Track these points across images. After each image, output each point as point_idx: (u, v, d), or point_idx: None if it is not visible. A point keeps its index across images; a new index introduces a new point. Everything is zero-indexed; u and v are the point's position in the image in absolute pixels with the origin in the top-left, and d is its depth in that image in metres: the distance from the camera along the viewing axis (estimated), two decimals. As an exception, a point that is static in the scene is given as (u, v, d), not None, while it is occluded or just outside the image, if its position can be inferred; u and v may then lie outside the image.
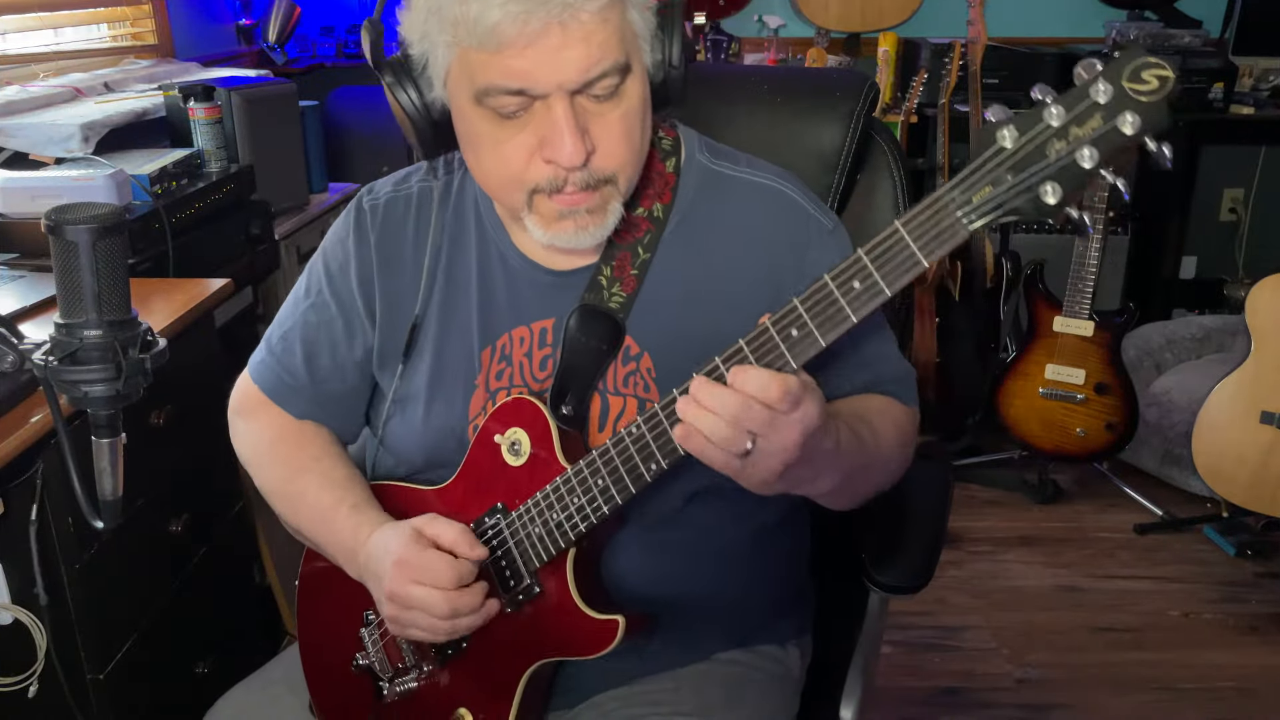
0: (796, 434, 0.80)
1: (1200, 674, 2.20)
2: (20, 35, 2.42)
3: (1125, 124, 0.68)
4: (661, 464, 0.89)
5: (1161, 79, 0.67)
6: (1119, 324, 2.64)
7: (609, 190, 0.96)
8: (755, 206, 1.06)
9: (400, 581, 0.98)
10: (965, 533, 2.71)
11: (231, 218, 2.13)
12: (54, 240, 0.80)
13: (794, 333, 0.80)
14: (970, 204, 0.73)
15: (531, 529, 0.99)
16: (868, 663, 1.22)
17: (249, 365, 1.19)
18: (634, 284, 1.03)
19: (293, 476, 1.13)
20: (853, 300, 0.78)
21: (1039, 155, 0.71)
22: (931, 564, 1.14)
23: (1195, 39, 3.31)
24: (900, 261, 0.76)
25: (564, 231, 0.96)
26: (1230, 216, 3.78)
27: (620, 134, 0.93)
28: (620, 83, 0.91)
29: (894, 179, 1.35)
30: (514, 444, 1.01)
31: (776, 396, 0.78)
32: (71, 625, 1.35)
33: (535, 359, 1.06)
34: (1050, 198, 0.70)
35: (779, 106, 1.38)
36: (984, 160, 0.73)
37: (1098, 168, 0.69)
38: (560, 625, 1.00)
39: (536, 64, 0.87)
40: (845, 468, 0.90)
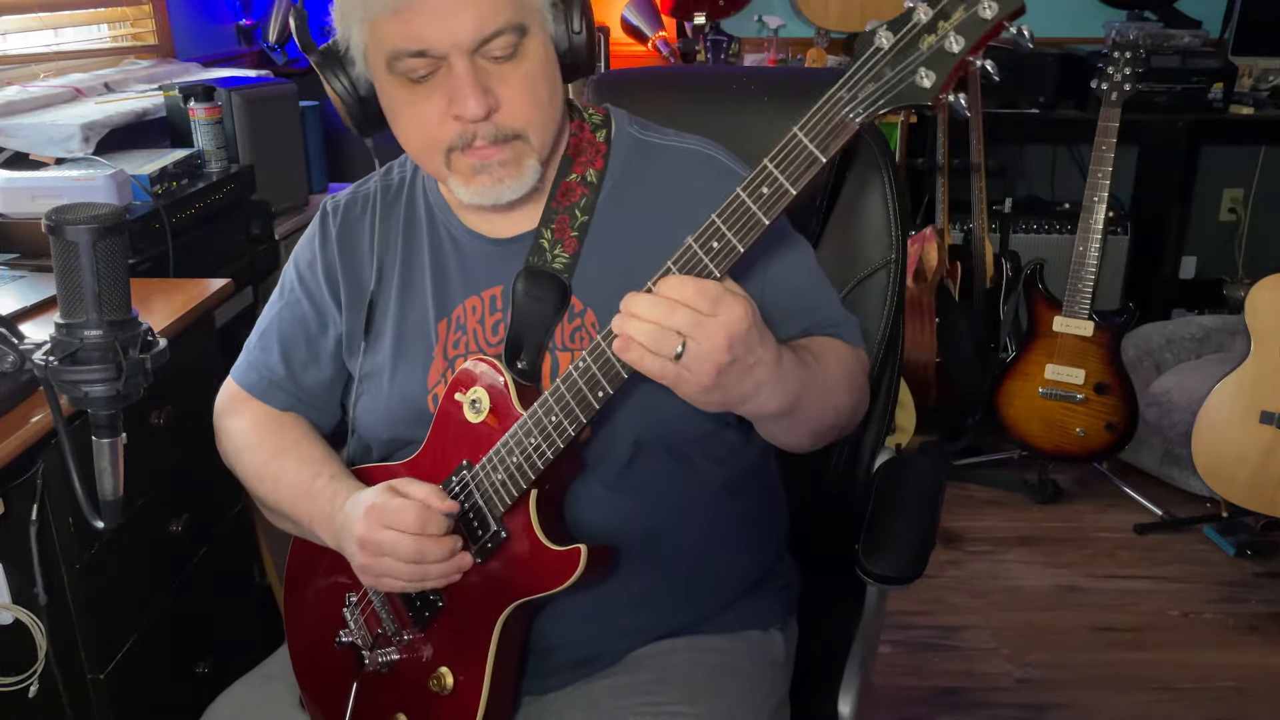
0: (723, 335, 0.86)
1: (1200, 674, 2.21)
2: (20, 35, 2.42)
3: (985, 10, 0.77)
4: (608, 389, 0.95)
5: None
6: (1119, 324, 2.64)
7: (520, 146, 1.03)
8: (684, 168, 1.14)
9: (370, 526, 1.02)
10: (965, 533, 2.71)
11: (231, 218, 2.13)
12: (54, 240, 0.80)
13: (714, 245, 0.88)
14: (857, 99, 0.82)
15: (495, 476, 1.03)
16: (865, 656, 1.23)
17: (233, 371, 1.26)
18: (575, 245, 1.10)
19: (272, 458, 1.18)
20: (762, 204, 0.86)
21: (912, 48, 0.79)
22: (924, 555, 1.15)
23: (1195, 39, 3.31)
24: (800, 161, 0.84)
25: (482, 185, 1.04)
26: (1230, 216, 3.78)
27: (522, 91, 1.01)
28: (518, 43, 0.99)
29: (883, 176, 1.35)
30: (474, 402, 1.07)
31: (692, 294, 0.86)
32: (71, 625, 1.35)
33: (488, 324, 1.13)
34: (926, 82, 0.79)
35: (767, 105, 1.39)
36: (864, 60, 0.81)
37: (964, 51, 0.78)
38: (527, 565, 1.04)
39: (430, 25, 0.96)
40: (790, 386, 0.95)
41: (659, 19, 3.41)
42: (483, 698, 1.06)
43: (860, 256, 1.35)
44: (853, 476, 1.38)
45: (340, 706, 1.15)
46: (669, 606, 1.15)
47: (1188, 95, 3.22)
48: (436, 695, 1.09)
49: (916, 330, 2.86)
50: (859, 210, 1.36)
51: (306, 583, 1.22)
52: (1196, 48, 3.27)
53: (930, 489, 1.26)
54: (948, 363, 2.92)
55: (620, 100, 1.26)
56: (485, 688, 1.06)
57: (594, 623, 1.10)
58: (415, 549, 1.01)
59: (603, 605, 1.10)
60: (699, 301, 0.86)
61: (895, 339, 1.36)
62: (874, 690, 1.25)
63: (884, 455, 1.38)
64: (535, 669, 1.13)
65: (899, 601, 2.32)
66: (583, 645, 1.12)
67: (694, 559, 1.15)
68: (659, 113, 1.22)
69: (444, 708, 1.09)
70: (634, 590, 1.11)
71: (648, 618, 1.14)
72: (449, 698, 1.09)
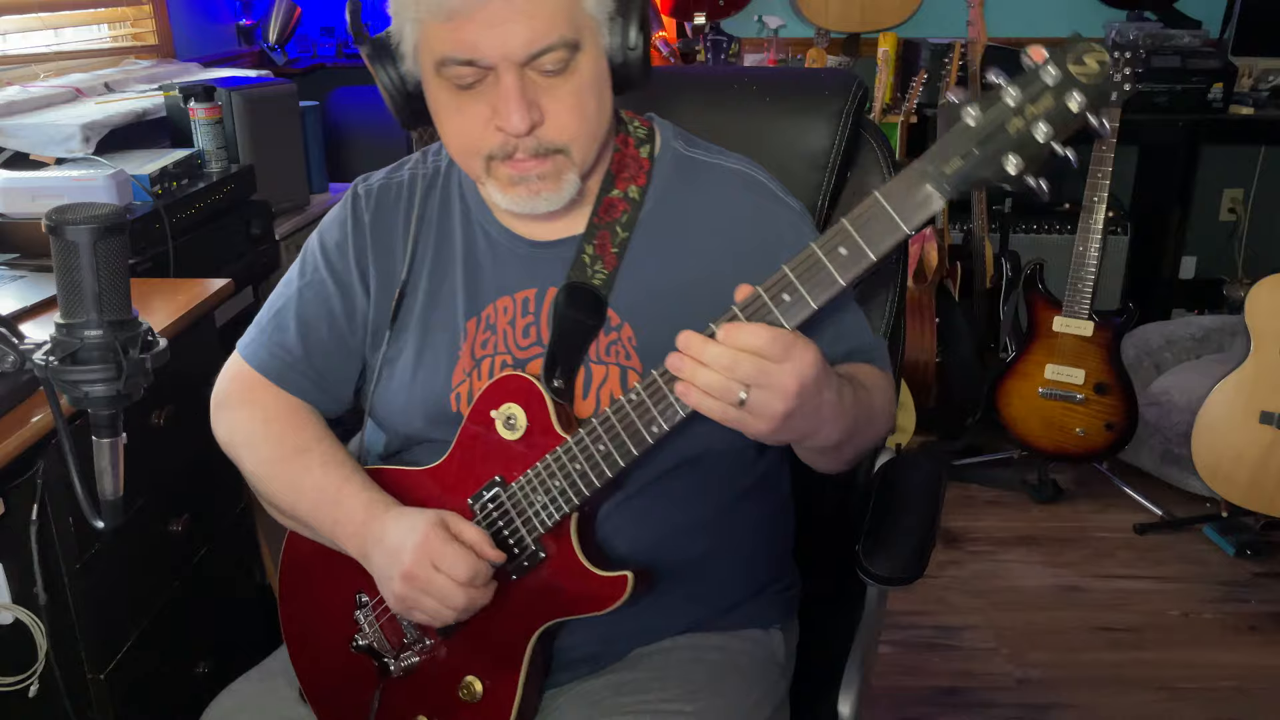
0: (792, 382, 0.86)
1: (1200, 674, 2.21)
2: (20, 35, 2.42)
3: (1072, 102, 0.78)
4: (663, 426, 0.94)
5: (1100, 62, 0.77)
6: (1118, 324, 2.64)
7: (561, 160, 1.01)
8: (727, 188, 1.13)
9: (422, 564, 1.01)
10: (965, 533, 2.71)
11: (232, 218, 2.13)
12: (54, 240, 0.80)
13: (785, 297, 0.87)
14: (943, 175, 0.81)
15: (534, 497, 1.02)
16: (865, 656, 1.23)
17: (239, 347, 1.21)
18: (614, 261, 1.09)
19: (290, 455, 1.14)
20: (839, 265, 0.85)
21: (1000, 131, 0.80)
22: (924, 555, 1.15)
23: (1195, 39, 3.30)
24: (881, 228, 0.84)
25: (519, 196, 1.02)
26: (1230, 216, 3.78)
27: (570, 107, 0.99)
28: (570, 58, 0.97)
29: (884, 177, 1.35)
30: (509, 419, 1.05)
31: (763, 344, 0.85)
32: (71, 625, 1.35)
33: (519, 327, 1.11)
34: (1012, 168, 0.79)
35: (768, 106, 1.40)
36: (952, 136, 0.81)
37: (1050, 140, 0.79)
38: (568, 586, 1.04)
39: (482, 36, 0.94)
40: (848, 421, 0.97)
41: (659, 19, 3.41)
42: (514, 708, 1.07)
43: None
44: (853, 477, 1.38)
45: (353, 706, 1.14)
46: (675, 609, 1.15)
47: (1188, 95, 3.22)
48: (465, 703, 1.09)
49: (916, 330, 2.86)
50: (861, 209, 1.36)
51: (308, 583, 1.20)
52: (1196, 48, 3.27)
53: (930, 489, 1.26)
54: (948, 363, 2.92)
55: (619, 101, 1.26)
56: (517, 699, 1.07)
57: (600, 624, 1.09)
58: (465, 601, 1.01)
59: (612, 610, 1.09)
60: (771, 350, 0.85)
61: (896, 340, 1.36)
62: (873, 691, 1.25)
63: (884, 456, 1.38)
64: None
65: (899, 601, 2.32)
66: (587, 645, 1.13)
67: (703, 564, 1.15)
68: (660, 113, 1.22)
69: (473, 715, 1.09)
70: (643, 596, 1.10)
71: (653, 619, 1.14)
72: (478, 705, 1.09)
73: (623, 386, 1.07)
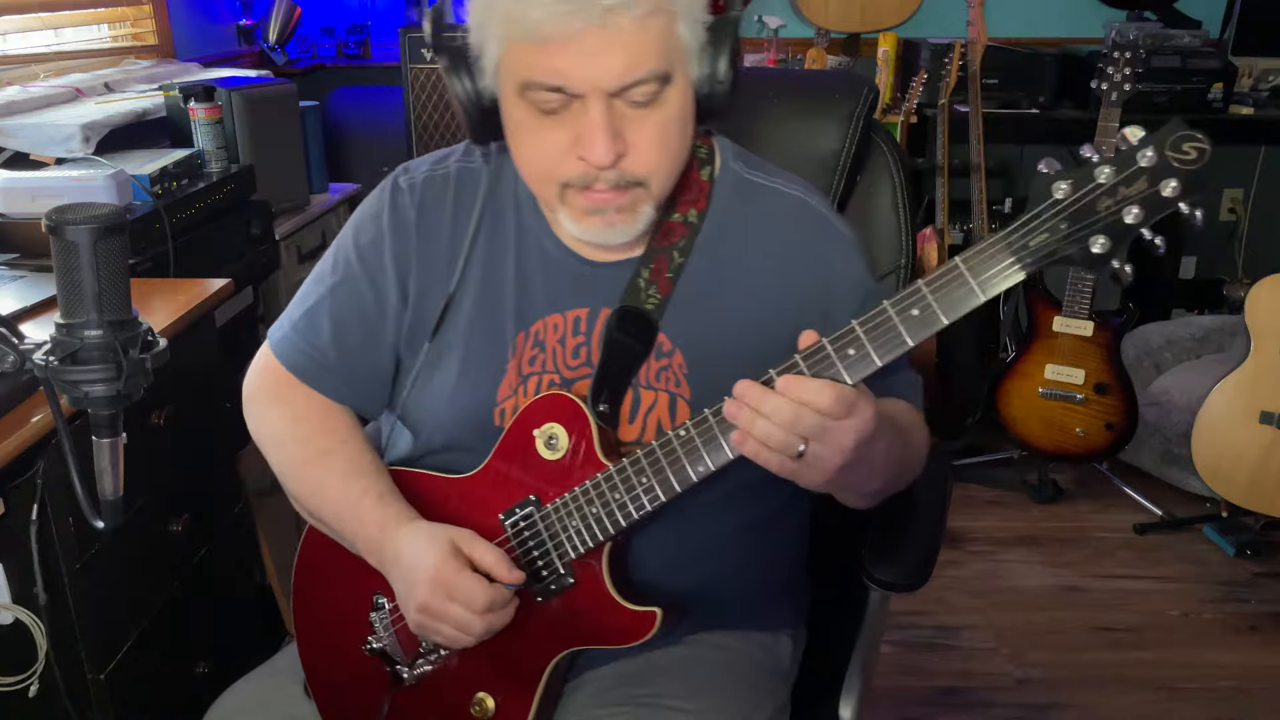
0: (851, 439, 0.86)
1: (1200, 674, 2.21)
2: (20, 35, 2.42)
3: (1167, 188, 0.76)
4: (709, 466, 0.93)
5: (1200, 150, 0.75)
6: (1118, 324, 2.64)
7: (640, 193, 0.99)
8: (784, 216, 1.11)
9: (437, 598, 0.99)
10: (965, 533, 2.71)
11: (232, 218, 2.13)
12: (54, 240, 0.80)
13: (851, 352, 0.86)
14: (1027, 249, 0.80)
15: (569, 522, 1.01)
16: (867, 661, 1.23)
17: (271, 343, 1.17)
18: (669, 286, 1.07)
19: (316, 458, 1.12)
20: (910, 326, 0.84)
21: (1090, 210, 0.78)
22: (930, 562, 1.14)
23: (1195, 39, 3.30)
24: (958, 295, 0.83)
25: (593, 227, 1.00)
26: (1230, 216, 3.78)
27: (655, 140, 0.96)
28: (660, 91, 0.94)
29: (894, 181, 1.35)
30: (550, 438, 1.03)
31: (828, 403, 0.84)
32: (71, 625, 1.35)
33: (569, 346, 1.09)
34: (1098, 249, 0.78)
35: (779, 108, 1.39)
36: (1041, 210, 0.80)
37: (1139, 225, 0.77)
38: (594, 616, 1.03)
39: (575, 64, 0.91)
40: (893, 470, 0.97)
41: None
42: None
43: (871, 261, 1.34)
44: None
45: (359, 708, 1.13)
46: (690, 617, 1.14)
47: (1188, 95, 3.22)
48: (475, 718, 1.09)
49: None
50: (870, 215, 1.35)
51: (324, 580, 1.18)
52: (1196, 48, 3.27)
53: (936, 494, 1.25)
54: (948, 363, 2.92)
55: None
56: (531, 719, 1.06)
57: None
58: (483, 628, 1.00)
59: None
60: (835, 409, 0.84)
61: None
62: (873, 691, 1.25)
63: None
64: None
65: (899, 602, 2.30)
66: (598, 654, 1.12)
67: (723, 580, 1.15)
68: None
69: None
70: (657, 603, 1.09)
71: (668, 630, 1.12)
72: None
73: (671, 413, 1.06)
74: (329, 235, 2.70)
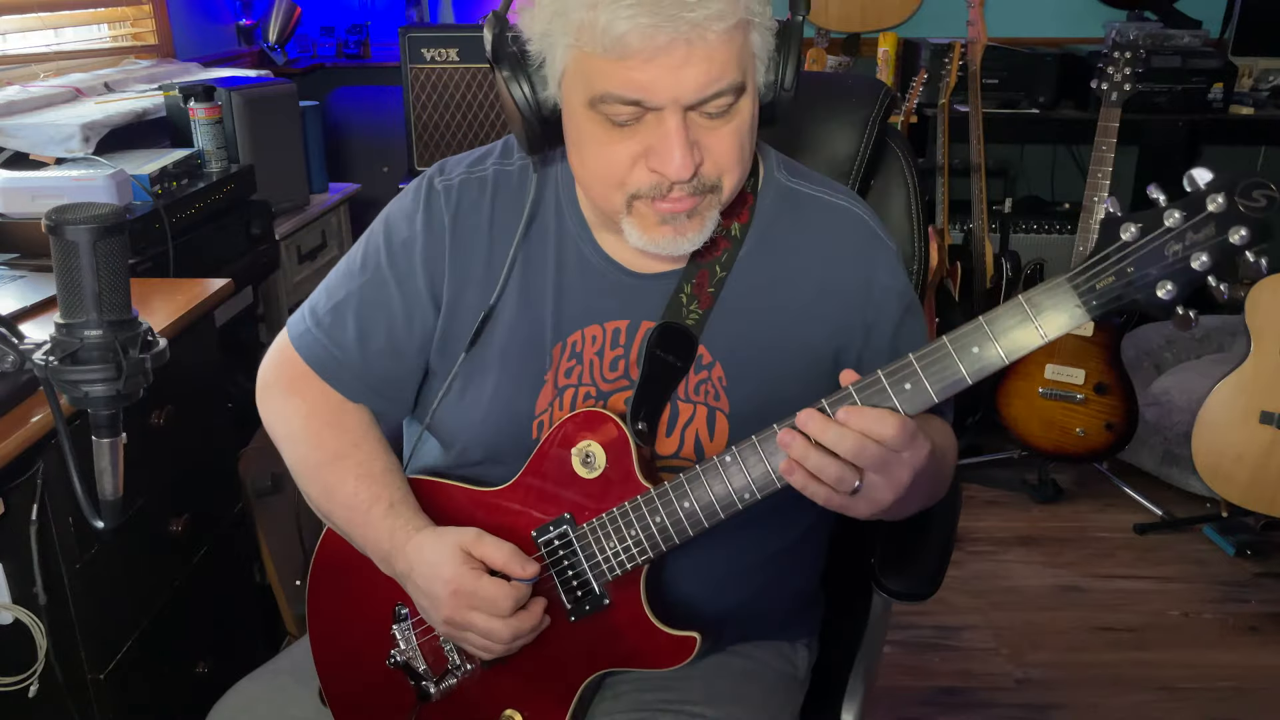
0: (908, 474, 0.85)
1: (1200, 674, 2.20)
2: (20, 35, 2.42)
3: (1236, 236, 0.75)
4: (756, 494, 0.92)
5: (1270, 199, 0.75)
6: (1119, 324, 2.64)
7: (711, 199, 0.97)
8: (828, 226, 1.09)
9: (459, 610, 0.98)
10: (965, 533, 2.71)
11: (232, 218, 2.13)
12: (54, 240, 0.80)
13: (907, 386, 0.85)
14: (1094, 290, 0.79)
15: (606, 543, 0.99)
16: (870, 665, 1.23)
17: (291, 334, 1.15)
18: (710, 300, 1.05)
19: (328, 461, 1.09)
20: (969, 362, 0.83)
21: (1158, 255, 0.77)
22: (941, 571, 1.15)
23: (1195, 39, 3.30)
24: (1019, 334, 0.82)
25: (663, 237, 0.97)
26: (1230, 216, 3.78)
27: (730, 149, 0.95)
28: (735, 101, 0.93)
29: (907, 184, 1.34)
30: (587, 456, 1.01)
31: (893, 435, 0.83)
32: (71, 625, 1.35)
33: (606, 359, 1.07)
34: (1164, 294, 0.77)
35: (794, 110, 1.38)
36: (1109, 252, 0.78)
37: (1206, 272, 0.76)
38: (630, 638, 1.01)
39: (657, 78, 0.88)
40: (931, 493, 0.98)
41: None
42: None
43: None
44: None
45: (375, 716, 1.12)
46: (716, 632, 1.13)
47: (1188, 95, 3.22)
48: None
49: (916, 330, 2.85)
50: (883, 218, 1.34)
51: (343, 587, 1.15)
52: (1196, 48, 3.27)
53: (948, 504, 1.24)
54: (948, 363, 2.91)
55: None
56: None
57: None
58: (511, 633, 0.98)
59: None
60: (898, 441, 0.83)
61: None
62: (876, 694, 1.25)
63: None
64: None
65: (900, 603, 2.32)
66: None
67: (754, 600, 1.14)
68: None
69: None
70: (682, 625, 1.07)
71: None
72: None
73: (709, 426, 1.05)
74: (329, 235, 2.70)
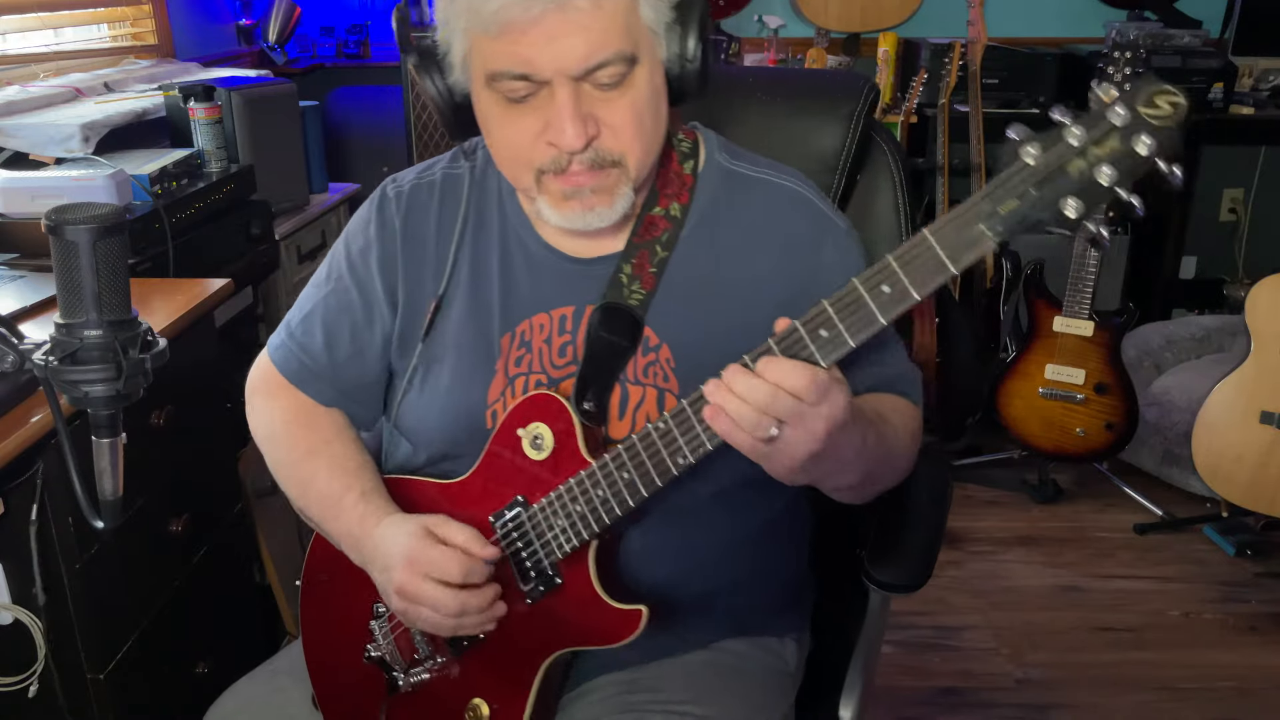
0: (822, 426, 0.84)
1: (1200, 674, 2.20)
2: (20, 35, 2.42)
3: (1140, 145, 0.73)
4: (689, 458, 0.91)
5: (1174, 104, 0.73)
6: (1119, 324, 2.64)
7: (616, 173, 0.99)
8: (773, 206, 1.10)
9: (410, 577, 1.00)
10: (965, 533, 2.71)
11: (231, 218, 2.13)
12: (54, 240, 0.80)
13: (823, 333, 0.84)
14: (996, 215, 0.77)
15: (554, 521, 1.00)
16: (868, 662, 1.23)
17: (268, 347, 1.20)
18: (653, 281, 1.06)
19: (303, 459, 1.14)
20: (882, 303, 0.82)
21: (1061, 173, 0.75)
22: (930, 563, 1.14)
23: (1195, 39, 3.30)
24: (928, 268, 0.80)
25: (572, 212, 0.99)
26: (1230, 216, 3.78)
27: (627, 120, 0.96)
28: (627, 72, 0.94)
29: (894, 179, 1.35)
30: (536, 438, 1.02)
31: (803, 386, 0.82)
32: (71, 625, 1.35)
33: (554, 345, 1.08)
34: (1071, 211, 0.75)
35: (779, 107, 1.39)
36: (1010, 175, 0.77)
37: (1115, 185, 0.74)
38: (581, 616, 1.02)
39: (537, 50, 0.92)
40: (869, 464, 0.95)
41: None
42: None
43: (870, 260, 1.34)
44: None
45: (360, 715, 1.13)
46: (695, 626, 1.14)
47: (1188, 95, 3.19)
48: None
49: (916, 330, 2.85)
50: (870, 214, 1.35)
51: (329, 586, 1.18)
52: (1196, 48, 3.27)
53: (937, 495, 1.25)
54: (948, 363, 2.91)
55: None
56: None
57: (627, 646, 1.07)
58: (458, 604, 0.99)
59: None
60: (809, 393, 0.82)
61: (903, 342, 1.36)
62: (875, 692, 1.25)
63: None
64: None
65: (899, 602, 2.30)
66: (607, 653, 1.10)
67: (733, 589, 1.14)
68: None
69: None
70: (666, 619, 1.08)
71: (673, 641, 1.13)
72: None
73: (660, 408, 1.06)
74: (329, 235, 2.70)
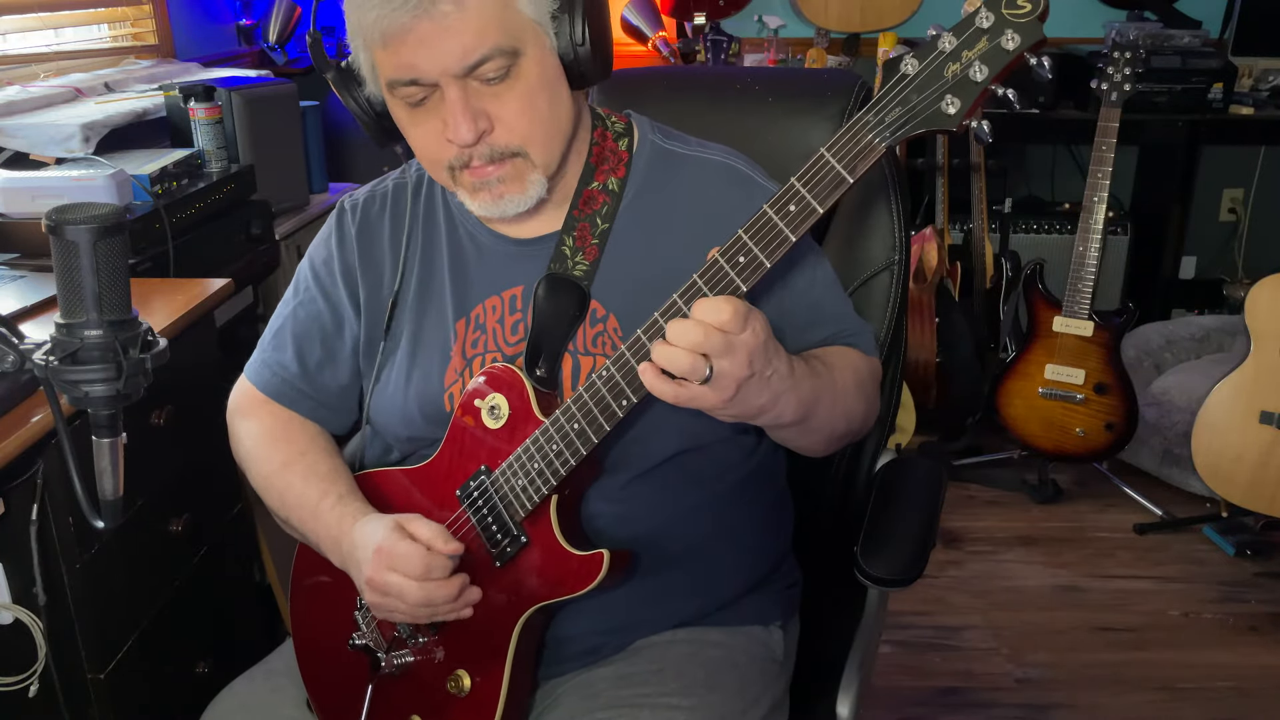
0: (744, 352, 0.88)
1: (1200, 674, 2.21)
2: (20, 35, 2.42)
3: (1007, 41, 0.81)
4: (631, 398, 0.96)
5: (1034, 1, 0.80)
6: (1118, 324, 2.64)
7: (521, 163, 1.04)
8: (706, 178, 1.14)
9: (377, 568, 1.04)
10: (965, 533, 2.71)
11: (232, 218, 2.13)
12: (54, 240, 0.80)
13: (741, 259, 0.90)
14: (883, 124, 0.85)
15: (515, 482, 1.04)
16: (865, 658, 1.23)
17: (245, 368, 1.26)
18: (595, 252, 1.11)
19: (278, 470, 1.18)
20: (790, 221, 0.88)
21: (937, 76, 0.83)
22: (922, 557, 1.14)
23: (1195, 39, 3.30)
24: (828, 182, 0.87)
25: (485, 201, 1.06)
26: (1230, 216, 3.78)
27: (518, 111, 1.01)
28: (512, 65, 0.99)
29: (888, 177, 1.35)
30: (493, 408, 1.07)
31: (729, 318, 0.87)
32: (71, 625, 1.35)
33: (507, 324, 1.13)
34: (950, 109, 0.83)
35: (770, 106, 1.39)
36: (891, 86, 0.85)
37: (988, 80, 0.82)
38: (547, 569, 1.05)
39: (417, 54, 0.97)
40: (803, 396, 0.97)
41: (659, 19, 3.41)
42: (501, 699, 1.07)
43: (864, 258, 1.35)
44: (854, 477, 1.38)
45: (352, 708, 1.15)
46: (674, 602, 1.15)
47: (1188, 95, 3.22)
48: (454, 697, 1.10)
49: (916, 330, 2.86)
50: (863, 211, 1.36)
51: (315, 585, 1.22)
52: (1196, 48, 3.27)
53: (930, 490, 1.26)
54: (948, 363, 2.92)
55: (621, 102, 1.26)
56: (504, 690, 1.07)
57: (601, 616, 1.11)
58: (421, 596, 1.03)
59: (610, 600, 1.10)
60: (734, 323, 0.87)
61: (899, 340, 1.36)
62: (873, 691, 1.25)
63: (886, 456, 1.38)
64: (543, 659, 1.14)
65: (899, 601, 2.32)
66: (588, 638, 1.13)
67: (701, 557, 1.16)
68: (660, 114, 1.22)
69: (461, 710, 1.10)
70: (641, 586, 1.12)
71: (652, 612, 1.15)
72: (466, 700, 1.09)
73: None
74: (329, 235, 2.69)
